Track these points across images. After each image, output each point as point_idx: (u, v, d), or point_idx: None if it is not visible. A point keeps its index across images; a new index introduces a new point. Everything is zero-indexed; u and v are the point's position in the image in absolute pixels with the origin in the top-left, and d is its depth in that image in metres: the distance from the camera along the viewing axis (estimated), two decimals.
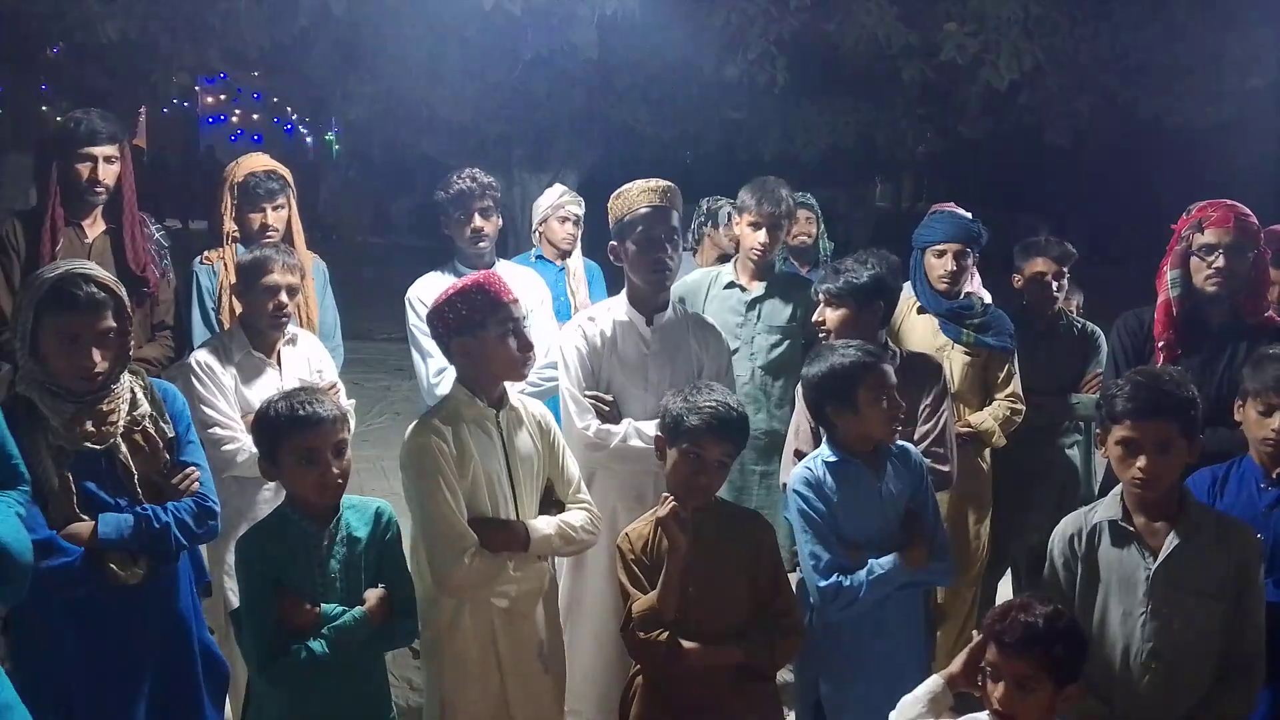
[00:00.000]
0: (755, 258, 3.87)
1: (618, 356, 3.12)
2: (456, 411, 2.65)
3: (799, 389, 3.01)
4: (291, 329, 3.36)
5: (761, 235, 3.83)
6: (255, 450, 2.93)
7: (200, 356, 3.22)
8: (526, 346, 2.68)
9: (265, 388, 3.17)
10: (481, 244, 3.72)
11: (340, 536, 2.50)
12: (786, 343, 3.80)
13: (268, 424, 2.49)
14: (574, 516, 2.73)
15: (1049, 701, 2.10)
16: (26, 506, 2.21)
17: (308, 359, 3.35)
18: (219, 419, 3.13)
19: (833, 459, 2.73)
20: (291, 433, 2.44)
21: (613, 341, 3.12)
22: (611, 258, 3.20)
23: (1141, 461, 2.37)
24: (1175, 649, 2.39)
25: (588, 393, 3.08)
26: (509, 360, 2.65)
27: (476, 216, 3.69)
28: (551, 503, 2.77)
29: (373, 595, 2.48)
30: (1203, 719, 2.38)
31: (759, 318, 3.82)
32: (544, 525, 2.67)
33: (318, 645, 2.38)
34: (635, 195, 3.11)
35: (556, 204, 4.52)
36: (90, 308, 2.44)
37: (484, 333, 2.60)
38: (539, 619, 2.75)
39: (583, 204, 4.57)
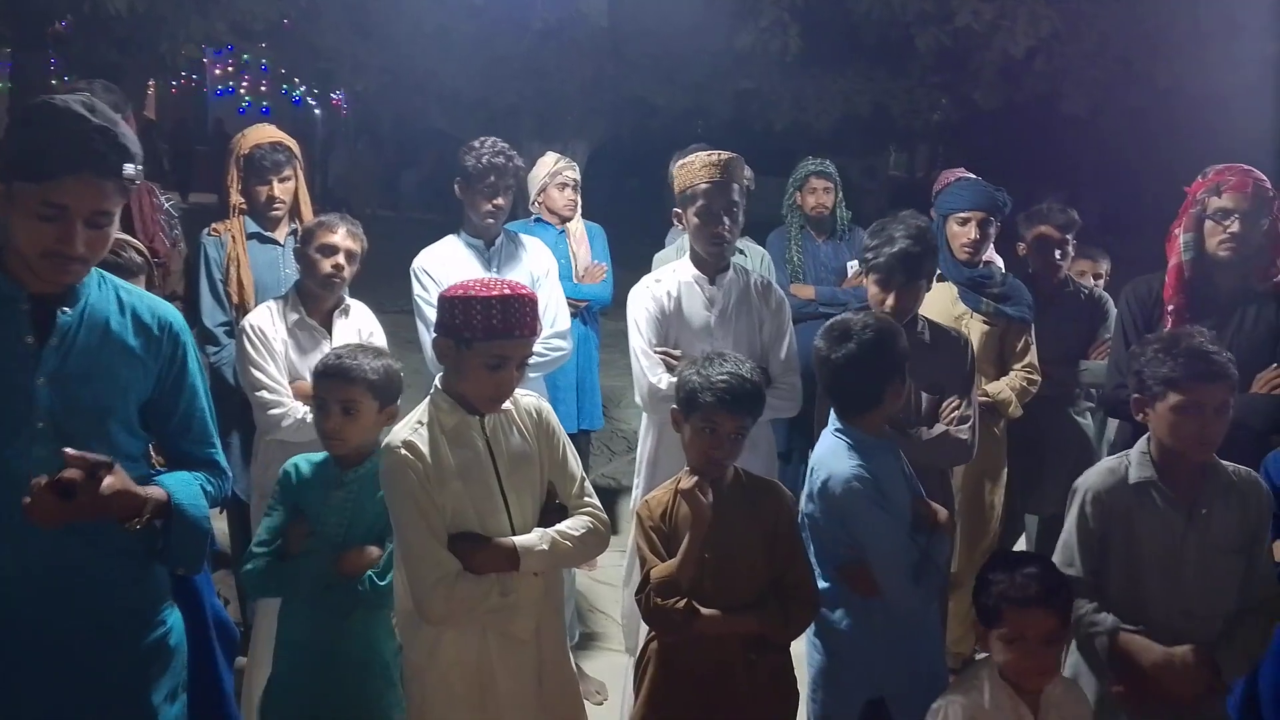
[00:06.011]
0: None
1: (683, 315, 3.28)
2: (434, 420, 2.37)
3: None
4: (347, 299, 3.37)
5: None
6: (299, 416, 3.06)
7: (253, 319, 3.25)
8: (507, 387, 2.38)
9: (315, 356, 3.15)
10: (497, 219, 3.74)
11: (354, 485, 2.58)
12: None
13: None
14: (573, 524, 2.44)
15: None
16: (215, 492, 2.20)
17: (359, 330, 3.35)
18: (267, 382, 3.16)
19: (868, 441, 2.60)
20: (315, 378, 2.68)
21: (678, 301, 3.28)
22: (676, 223, 3.39)
23: (1202, 425, 2.40)
24: (1204, 605, 2.45)
25: (657, 349, 3.22)
26: (481, 392, 2.36)
27: (501, 194, 3.70)
28: (555, 507, 2.49)
29: (350, 555, 2.53)
30: (1221, 654, 2.40)
31: None
32: (535, 540, 2.37)
33: (261, 563, 2.53)
34: (697, 169, 3.22)
35: (554, 171, 4.57)
36: (126, 274, 2.47)
37: (469, 352, 2.32)
38: (540, 641, 2.46)
39: (577, 168, 4.65)
